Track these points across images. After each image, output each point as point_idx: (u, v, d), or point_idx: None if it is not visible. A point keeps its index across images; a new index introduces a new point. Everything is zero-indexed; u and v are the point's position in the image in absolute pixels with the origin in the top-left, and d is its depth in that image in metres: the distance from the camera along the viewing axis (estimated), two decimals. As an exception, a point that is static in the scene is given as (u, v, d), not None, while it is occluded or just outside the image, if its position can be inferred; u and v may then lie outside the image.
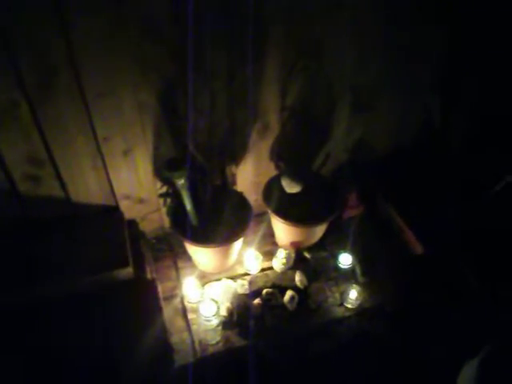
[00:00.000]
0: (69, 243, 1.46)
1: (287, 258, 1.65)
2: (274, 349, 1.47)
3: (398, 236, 1.70)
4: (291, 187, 1.59)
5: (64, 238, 1.47)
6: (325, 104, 1.56)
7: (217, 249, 1.52)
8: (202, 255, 1.58)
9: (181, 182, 1.36)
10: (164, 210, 1.66)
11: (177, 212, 1.52)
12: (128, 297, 1.40)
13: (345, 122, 1.63)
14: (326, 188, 1.66)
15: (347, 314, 1.57)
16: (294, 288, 1.62)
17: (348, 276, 1.66)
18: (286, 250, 1.65)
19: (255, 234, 1.76)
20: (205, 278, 1.64)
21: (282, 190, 1.61)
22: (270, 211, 1.60)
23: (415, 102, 1.71)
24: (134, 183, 1.54)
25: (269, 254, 1.70)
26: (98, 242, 1.46)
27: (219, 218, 1.54)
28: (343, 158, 1.76)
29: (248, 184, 1.72)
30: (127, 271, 1.41)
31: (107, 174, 1.48)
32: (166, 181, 1.52)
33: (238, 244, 1.59)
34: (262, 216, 1.76)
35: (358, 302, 1.57)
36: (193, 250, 1.58)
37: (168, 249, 1.73)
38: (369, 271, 1.66)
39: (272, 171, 1.71)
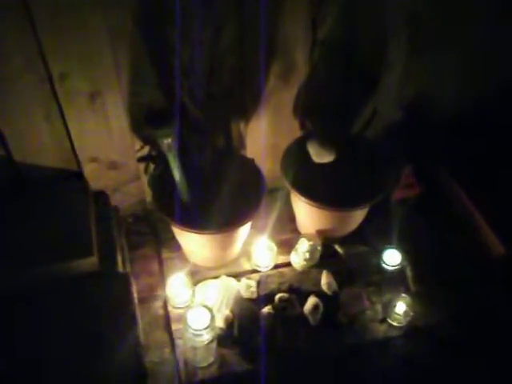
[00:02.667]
0: (10, 222, 1.42)
1: (311, 251, 1.61)
2: (288, 377, 1.43)
3: (469, 230, 1.70)
4: (321, 155, 1.55)
5: (3, 215, 1.43)
6: (373, 40, 1.48)
7: (215, 236, 1.50)
8: (194, 243, 1.56)
9: (167, 142, 1.34)
10: (145, 179, 1.64)
11: (162, 183, 1.51)
12: (89, 297, 1.35)
13: (399, 66, 1.54)
14: (370, 159, 1.61)
15: (391, 334, 1.53)
16: (319, 294, 1.58)
17: (395, 281, 1.63)
18: (309, 240, 1.61)
19: (268, 216, 1.73)
20: (197, 275, 1.63)
21: (307, 158, 1.57)
22: (289, 186, 1.55)
23: (503, 43, 1.63)
24: (103, 141, 1.51)
25: (286, 246, 1.68)
26: (50, 220, 1.42)
27: (220, 193, 1.51)
28: (396, 118, 1.67)
29: (261, 148, 1.69)
30: (90, 262, 1.37)
31: (66, 126, 1.44)
32: (148, 140, 1.51)
33: (244, 230, 1.56)
34: (278, 193, 1.75)
35: (408, 318, 1.53)
36: (182, 236, 1.55)
37: (149, 233, 1.74)
38: (424, 276, 1.64)
39: (295, 132, 1.67)
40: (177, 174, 1.42)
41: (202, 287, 1.58)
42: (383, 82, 1.57)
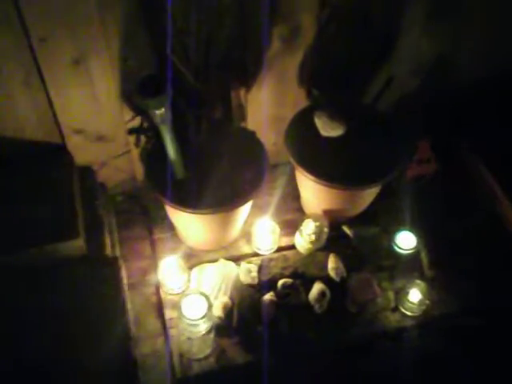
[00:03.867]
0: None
1: (317, 233, 1.60)
2: (292, 369, 1.44)
3: (491, 211, 1.69)
4: (329, 128, 1.53)
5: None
6: None
7: (213, 216, 1.49)
8: (190, 224, 1.56)
9: (160, 112, 1.31)
10: (136, 153, 1.64)
11: (154, 158, 1.50)
12: (74, 283, 1.35)
13: (417, 28, 1.54)
14: (383, 132, 1.58)
15: (405, 324, 1.53)
16: (326, 280, 1.58)
17: (409, 266, 1.62)
18: (316, 221, 1.61)
19: (271, 194, 1.74)
20: (193, 258, 1.63)
21: (314, 131, 1.55)
22: (294, 162, 1.54)
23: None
24: (89, 110, 1.50)
25: (290, 227, 1.69)
26: (31, 199, 1.41)
27: (218, 169, 1.50)
28: (412, 87, 1.69)
29: (263, 120, 1.67)
30: (76, 245, 1.37)
31: (47, 94, 1.42)
32: (139, 110, 1.49)
33: (244, 209, 1.55)
34: (282, 168, 1.75)
35: (423, 307, 1.53)
36: (177, 215, 1.54)
37: (140, 212, 1.74)
38: (441, 261, 1.63)
39: (301, 102, 1.65)
40: (171, 148, 1.39)
41: (198, 272, 1.57)
42: (399, 46, 1.57)
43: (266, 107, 1.64)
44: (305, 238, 1.59)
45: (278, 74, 1.57)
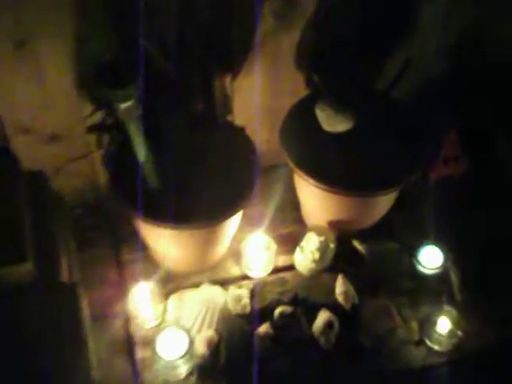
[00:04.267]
0: None
1: (322, 250, 1.57)
2: None
3: None
4: (334, 122, 1.49)
5: None
6: None
7: (194, 231, 1.46)
8: (166, 242, 1.53)
9: (127, 106, 1.26)
10: (98, 156, 1.62)
11: (121, 161, 1.47)
12: (22, 317, 1.29)
13: None
14: (400, 126, 1.56)
15: (432, 360, 1.50)
16: (333, 307, 1.56)
17: (435, 289, 1.60)
18: (320, 235, 1.58)
19: (265, 204, 1.71)
20: (170, 284, 1.62)
21: (316, 125, 1.51)
22: (292, 164, 1.51)
23: None
24: (37, 104, 1.48)
25: (289, 242, 1.67)
26: None
27: (200, 174, 1.48)
28: (436, 70, 1.65)
29: (254, 113, 1.64)
30: (23, 269, 1.32)
31: None
32: (101, 103, 1.45)
33: (232, 222, 1.53)
34: (278, 172, 1.72)
35: (454, 340, 1.50)
36: (150, 232, 1.51)
37: (104, 227, 1.73)
38: (475, 283, 1.61)
39: (299, 90, 1.61)
40: (140, 150, 1.35)
41: (177, 300, 1.56)
42: (419, 19, 1.53)
43: (257, 97, 1.61)
44: (307, 255, 1.57)
45: (271, 57, 1.53)
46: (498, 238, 1.67)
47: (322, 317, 1.49)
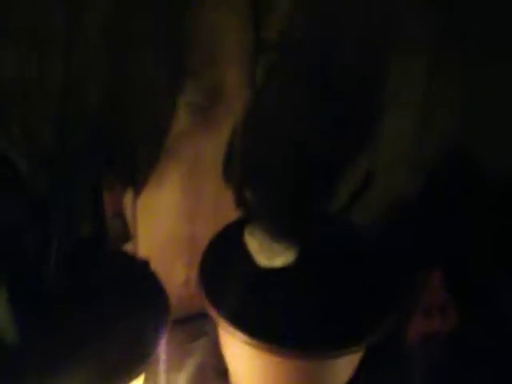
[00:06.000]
0: None
1: None
2: None
3: None
4: (271, 253, 1.28)
5: None
6: (365, 42, 1.25)
7: None
8: None
9: None
10: None
11: None
12: None
13: (417, 94, 1.38)
14: (362, 259, 1.34)
15: None
16: None
17: None
18: None
19: (179, 369, 1.43)
20: None
21: (249, 260, 1.28)
22: (215, 314, 1.24)
23: None
24: None
25: None
26: None
27: (78, 331, 1.17)
28: (408, 189, 1.48)
29: (165, 241, 1.41)
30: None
31: None
32: None
33: None
34: (199, 326, 1.47)
35: None
36: None
37: None
38: None
39: (225, 211, 1.36)
40: None
41: None
42: (385, 124, 1.30)
43: (169, 220, 1.37)
44: None
45: (187, 166, 1.31)
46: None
47: None
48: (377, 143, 1.32)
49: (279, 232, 1.24)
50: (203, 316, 1.36)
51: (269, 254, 1.22)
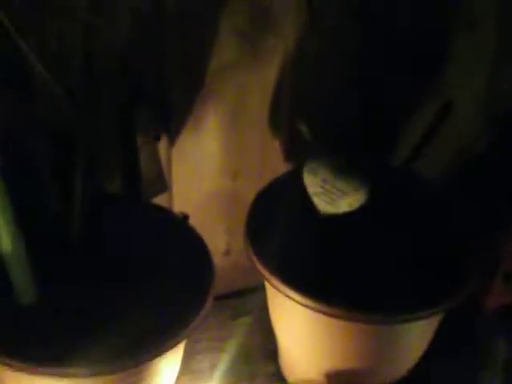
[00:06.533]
0: None
1: None
2: None
3: None
4: (335, 196, 1.18)
5: None
6: None
7: (93, 380, 1.06)
8: None
9: None
10: None
11: None
12: None
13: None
14: (430, 215, 1.22)
15: None
16: None
17: None
18: None
19: (221, 349, 1.32)
20: None
21: (303, 213, 1.18)
22: (266, 273, 1.11)
23: None
24: None
25: None
26: None
27: (108, 292, 1.12)
28: (479, 136, 1.34)
29: (203, 200, 1.27)
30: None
31: None
32: None
33: (160, 371, 1.11)
34: (246, 301, 1.36)
35: None
36: (21, 381, 1.13)
37: None
38: None
39: (274, 161, 1.26)
40: (8, 243, 0.94)
41: None
42: (453, 67, 1.22)
43: (210, 171, 1.21)
44: None
45: (229, 110, 1.15)
46: None
47: None
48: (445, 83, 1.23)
49: (345, 167, 1.14)
50: (246, 292, 1.31)
51: (331, 196, 1.12)
